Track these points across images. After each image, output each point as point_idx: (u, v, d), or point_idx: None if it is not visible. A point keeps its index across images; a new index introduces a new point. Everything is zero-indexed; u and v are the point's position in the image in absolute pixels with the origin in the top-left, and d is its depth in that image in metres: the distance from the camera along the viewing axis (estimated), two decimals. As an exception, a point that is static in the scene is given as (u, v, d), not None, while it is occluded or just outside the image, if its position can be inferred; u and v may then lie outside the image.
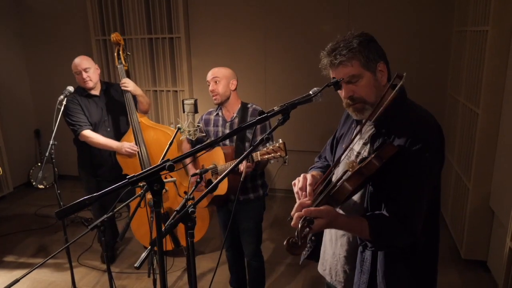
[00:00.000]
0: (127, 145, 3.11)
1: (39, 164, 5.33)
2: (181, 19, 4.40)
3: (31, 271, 2.03)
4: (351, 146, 1.50)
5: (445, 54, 3.92)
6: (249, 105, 2.57)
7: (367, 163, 1.24)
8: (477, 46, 3.00)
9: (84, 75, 3.08)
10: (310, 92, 1.33)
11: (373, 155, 1.24)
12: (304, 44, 4.22)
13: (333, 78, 1.36)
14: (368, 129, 1.44)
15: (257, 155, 2.18)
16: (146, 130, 3.18)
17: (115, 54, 3.19)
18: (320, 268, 1.69)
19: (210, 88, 2.49)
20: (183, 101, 2.71)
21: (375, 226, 1.29)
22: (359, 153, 1.45)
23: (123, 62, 3.17)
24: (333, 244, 1.58)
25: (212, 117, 2.64)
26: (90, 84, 3.13)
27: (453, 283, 2.99)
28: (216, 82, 2.47)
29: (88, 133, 3.11)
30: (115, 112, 3.25)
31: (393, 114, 1.34)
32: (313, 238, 1.70)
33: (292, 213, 1.26)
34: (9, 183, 4.87)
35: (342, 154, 1.46)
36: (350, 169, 1.24)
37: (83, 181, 3.39)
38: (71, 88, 2.96)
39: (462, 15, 3.50)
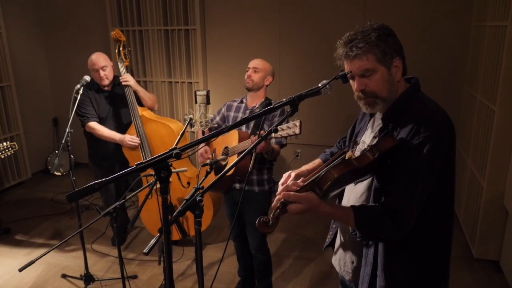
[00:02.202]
0: (128, 138, 3.18)
1: (56, 151, 5.45)
2: (197, 11, 4.42)
3: (46, 254, 2.10)
4: (363, 139, 1.50)
5: (462, 49, 3.85)
6: (273, 101, 2.63)
7: (360, 155, 1.24)
8: (496, 42, 2.94)
9: (102, 73, 3.16)
10: (319, 85, 1.33)
11: (369, 148, 1.24)
12: (319, 36, 4.19)
13: (342, 71, 1.35)
14: (379, 123, 1.44)
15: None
16: (147, 123, 3.25)
17: (116, 50, 3.28)
18: (333, 259, 1.71)
19: (248, 73, 2.61)
20: (195, 92, 2.73)
21: (359, 217, 1.29)
22: (369, 146, 1.45)
23: (123, 58, 3.28)
24: (342, 235, 1.59)
25: (235, 104, 2.73)
26: (106, 82, 3.22)
27: (464, 282, 2.96)
28: (255, 71, 2.60)
29: (94, 124, 3.21)
30: (122, 106, 3.32)
31: (402, 108, 1.33)
32: (334, 226, 1.71)
33: (276, 193, 1.32)
34: (27, 170, 5.01)
35: (358, 147, 1.47)
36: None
37: (92, 171, 3.52)
38: (87, 78, 3.03)
39: (481, 10, 3.42)
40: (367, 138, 1.49)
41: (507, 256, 2.93)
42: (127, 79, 3.18)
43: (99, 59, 3.14)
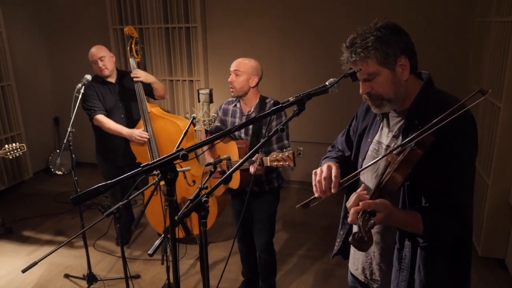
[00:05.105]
0: (137, 132, 3.19)
1: (58, 150, 5.43)
2: (197, 9, 4.39)
3: (49, 254, 2.08)
4: (377, 139, 1.47)
5: (466, 45, 3.81)
6: (267, 100, 2.51)
7: (410, 152, 1.20)
8: (501, 38, 2.91)
9: (100, 64, 3.21)
10: (327, 83, 1.30)
11: (413, 144, 1.20)
12: (320, 35, 4.16)
13: (351, 68, 1.32)
14: (396, 122, 1.40)
15: (266, 160, 2.15)
16: (155, 119, 3.25)
17: (128, 47, 3.30)
18: (351, 268, 1.66)
19: (229, 79, 2.44)
20: (198, 90, 2.71)
21: (428, 220, 1.24)
22: (388, 146, 1.41)
23: (135, 55, 3.30)
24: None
25: (231, 107, 2.62)
26: (106, 72, 3.25)
27: (468, 279, 2.94)
28: (236, 75, 2.42)
29: (101, 117, 3.23)
30: (129, 99, 3.34)
31: (424, 104, 1.31)
32: (341, 233, 1.67)
33: (349, 206, 1.21)
34: (29, 169, 4.98)
35: (369, 147, 1.45)
36: (392, 162, 1.22)
37: (99, 166, 3.54)
38: (89, 77, 3.02)
39: (486, 5, 3.39)
40: (384, 139, 1.45)
41: (513, 254, 2.91)
42: (138, 74, 3.20)
43: (96, 50, 3.22)
